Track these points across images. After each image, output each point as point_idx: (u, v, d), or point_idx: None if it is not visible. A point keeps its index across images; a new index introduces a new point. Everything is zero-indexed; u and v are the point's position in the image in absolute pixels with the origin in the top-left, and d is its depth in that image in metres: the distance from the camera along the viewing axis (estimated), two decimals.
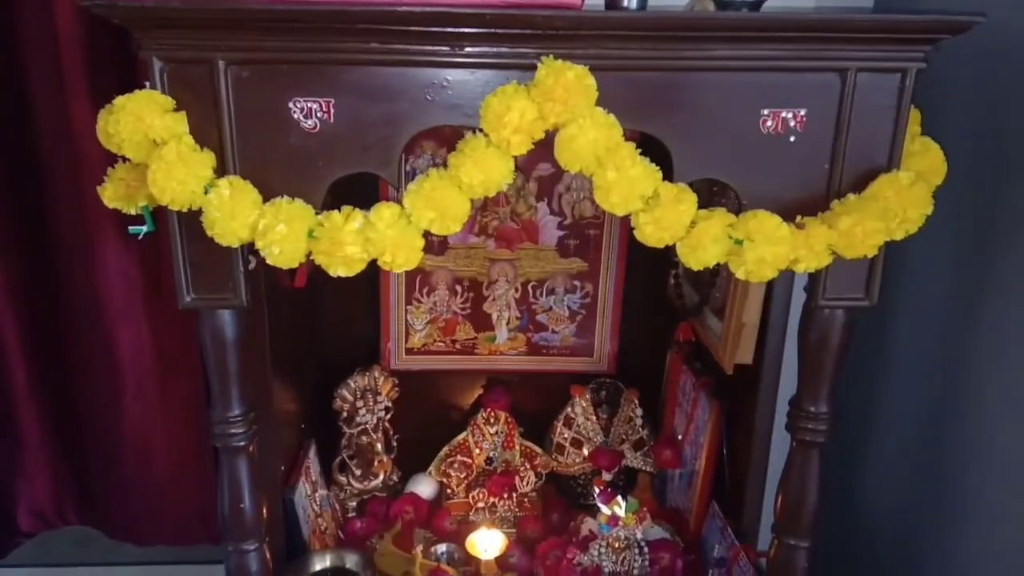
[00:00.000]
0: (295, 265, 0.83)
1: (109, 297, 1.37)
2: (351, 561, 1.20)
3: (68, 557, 2.00)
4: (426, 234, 0.84)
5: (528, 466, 1.54)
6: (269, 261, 0.82)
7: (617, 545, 1.31)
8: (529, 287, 1.53)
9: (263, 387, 1.12)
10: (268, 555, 1.02)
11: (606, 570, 1.29)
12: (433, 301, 1.53)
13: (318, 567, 1.19)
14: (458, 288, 1.53)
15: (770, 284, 1.14)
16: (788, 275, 1.11)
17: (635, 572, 1.30)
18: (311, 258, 0.84)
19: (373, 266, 1.50)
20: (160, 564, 1.98)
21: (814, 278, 0.90)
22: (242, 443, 0.94)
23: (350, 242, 0.82)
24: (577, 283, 1.54)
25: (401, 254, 0.83)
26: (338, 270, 0.83)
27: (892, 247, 0.86)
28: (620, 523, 1.30)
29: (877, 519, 1.33)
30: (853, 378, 1.01)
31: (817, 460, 0.98)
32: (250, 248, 0.85)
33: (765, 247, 0.82)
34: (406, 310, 1.53)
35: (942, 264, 1.18)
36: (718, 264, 1.21)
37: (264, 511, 1.00)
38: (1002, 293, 1.06)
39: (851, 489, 1.37)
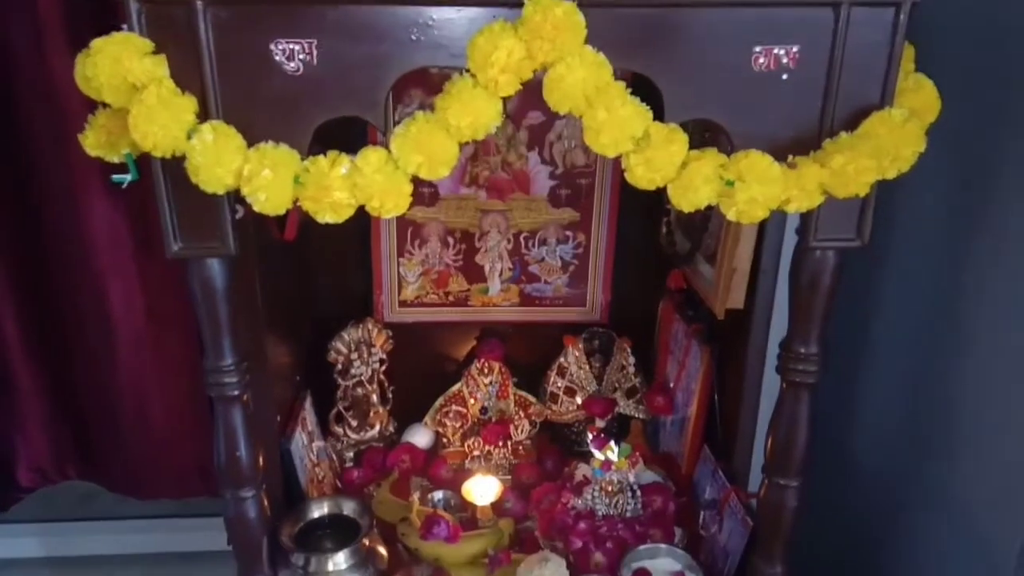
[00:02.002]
0: (282, 211, 0.82)
1: (98, 253, 1.37)
2: (349, 508, 1.21)
3: (73, 513, 2.03)
4: (416, 185, 0.83)
5: (522, 415, 1.56)
6: (256, 208, 0.81)
7: (610, 489, 1.33)
8: (521, 238, 1.53)
9: (256, 338, 1.12)
10: (266, 502, 1.04)
11: (599, 513, 1.31)
12: (425, 253, 1.53)
13: (316, 514, 1.21)
14: (450, 240, 1.52)
15: (761, 229, 1.14)
16: (779, 219, 1.13)
17: (628, 515, 1.32)
18: (299, 206, 0.83)
19: (364, 218, 1.49)
20: (162, 518, 2.01)
21: (805, 219, 0.90)
22: (236, 392, 0.95)
23: (337, 188, 0.81)
24: (569, 233, 1.53)
25: (389, 199, 0.82)
26: (326, 216, 0.83)
27: (883, 188, 0.86)
28: (613, 467, 1.32)
29: (866, 459, 1.35)
30: (843, 319, 1.01)
31: (807, 401, 0.99)
32: (237, 197, 0.84)
33: (756, 187, 0.81)
34: (398, 262, 1.53)
35: (934, 204, 1.18)
36: (709, 210, 1.20)
37: (260, 459, 1.01)
38: (993, 233, 1.06)
39: (840, 429, 1.39)
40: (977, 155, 1.08)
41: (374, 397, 1.54)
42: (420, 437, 1.56)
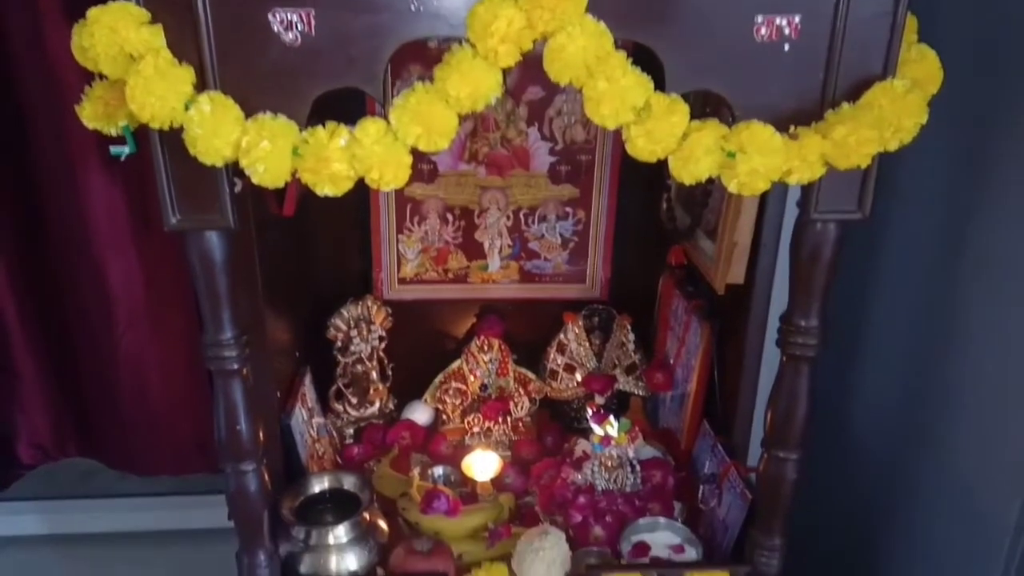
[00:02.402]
0: (280, 184, 0.82)
1: (97, 228, 1.36)
2: (349, 482, 1.22)
3: (74, 490, 2.04)
4: (416, 161, 0.83)
5: (522, 392, 1.56)
6: (254, 180, 0.81)
7: (610, 464, 1.33)
8: (521, 215, 1.53)
9: (255, 314, 1.12)
10: (266, 476, 1.04)
11: (599, 488, 1.32)
12: (424, 230, 1.52)
13: (316, 489, 1.21)
14: (449, 217, 1.52)
15: (762, 203, 1.13)
16: (780, 193, 1.12)
17: (627, 490, 1.32)
18: (298, 181, 0.82)
19: (363, 195, 1.49)
20: (162, 495, 2.02)
21: (807, 191, 0.89)
22: (235, 366, 0.95)
23: (336, 159, 0.80)
24: (569, 210, 1.53)
25: (388, 171, 0.81)
26: (324, 189, 0.82)
27: (885, 160, 0.85)
28: (613, 443, 1.32)
29: (864, 435, 1.36)
30: (843, 294, 1.01)
31: (807, 374, 0.99)
32: (235, 170, 0.84)
33: (758, 158, 0.81)
34: (397, 239, 1.52)
35: (935, 178, 1.17)
36: (710, 184, 1.21)
37: (260, 434, 1.01)
38: (996, 205, 1.06)
39: (839, 405, 1.40)
40: (979, 127, 1.08)
41: (374, 374, 1.54)
42: (420, 414, 1.57)
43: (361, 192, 1.47)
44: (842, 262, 0.93)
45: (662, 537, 1.24)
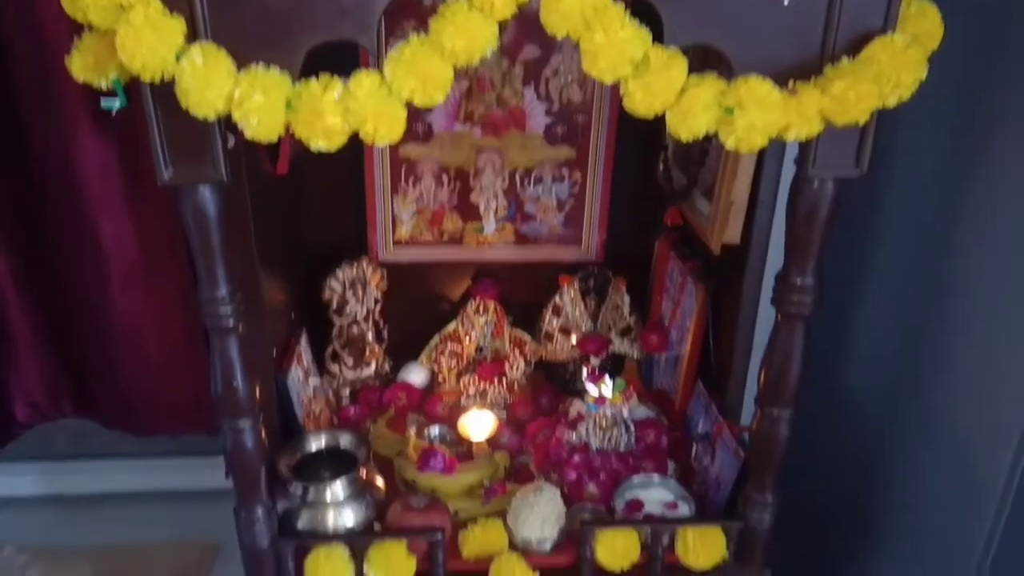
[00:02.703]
0: (274, 138, 0.81)
1: (89, 188, 1.35)
2: (346, 440, 1.23)
3: (69, 451, 2.05)
4: (410, 121, 0.82)
5: (518, 353, 1.57)
6: (247, 133, 0.80)
7: (604, 424, 1.35)
8: (517, 176, 1.52)
9: (250, 272, 1.12)
10: (263, 433, 1.05)
11: (593, 447, 1.34)
12: (419, 191, 1.51)
13: (313, 447, 1.22)
14: (444, 178, 1.51)
15: (759, 162, 1.13)
16: (777, 152, 1.12)
17: (622, 449, 1.34)
18: (291, 139, 0.81)
19: (357, 154, 1.48)
20: (158, 456, 2.04)
21: (804, 148, 0.89)
22: (230, 323, 0.95)
23: (330, 112, 0.79)
24: (565, 171, 1.52)
25: (383, 124, 0.80)
26: (318, 143, 0.81)
27: (883, 119, 0.85)
28: (607, 403, 1.34)
29: (858, 391, 1.37)
30: (838, 251, 1.01)
31: (801, 333, 0.99)
32: (228, 124, 0.83)
33: (756, 113, 0.80)
34: (392, 200, 1.52)
35: (933, 137, 1.17)
36: (707, 143, 1.20)
37: (257, 391, 1.02)
38: (993, 165, 1.05)
39: (832, 363, 1.40)
40: (979, 84, 1.07)
41: (369, 336, 1.54)
42: (416, 375, 1.57)
43: (355, 152, 1.48)
44: (839, 221, 0.94)
45: (656, 494, 1.26)
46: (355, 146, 1.46)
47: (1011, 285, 1.03)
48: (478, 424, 1.40)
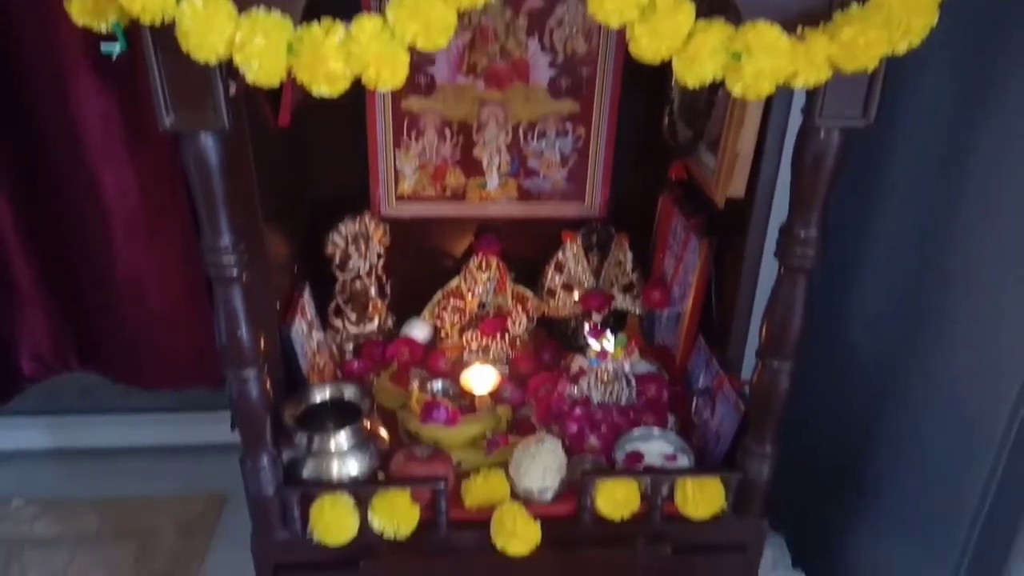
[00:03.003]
0: (275, 82, 0.80)
1: (90, 139, 1.34)
2: (350, 392, 1.24)
3: (74, 407, 2.08)
4: (413, 72, 0.81)
5: (520, 309, 1.57)
6: (249, 77, 0.79)
7: (606, 378, 1.36)
8: (520, 130, 1.50)
9: (252, 222, 1.11)
10: (268, 383, 1.05)
11: (595, 401, 1.35)
12: (422, 146, 1.50)
13: (318, 398, 1.23)
14: (447, 132, 1.49)
15: (765, 115, 1.12)
16: (784, 104, 1.10)
17: (623, 403, 1.35)
18: (292, 85, 0.81)
19: (360, 106, 1.46)
20: (165, 411, 2.06)
21: (812, 97, 0.88)
22: (234, 273, 0.95)
23: (332, 57, 0.78)
24: (569, 126, 1.50)
25: (386, 69, 0.79)
26: (321, 88, 0.80)
27: (891, 67, 0.84)
28: (609, 357, 1.34)
29: (858, 344, 1.37)
30: (841, 205, 1.01)
31: (804, 285, 1.00)
32: (229, 70, 0.82)
33: (764, 59, 0.79)
34: (394, 155, 1.51)
35: (940, 87, 1.16)
36: (713, 95, 1.19)
37: (262, 341, 1.02)
38: (998, 120, 1.04)
39: (834, 317, 1.41)
40: (990, 31, 1.05)
41: (372, 291, 1.55)
42: (418, 331, 1.58)
43: (357, 106, 1.46)
44: (844, 172, 0.93)
45: (656, 446, 1.27)
46: (357, 99, 1.45)
47: (1014, 245, 1.03)
48: (480, 378, 1.41)
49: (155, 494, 1.91)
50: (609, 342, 1.34)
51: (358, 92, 0.97)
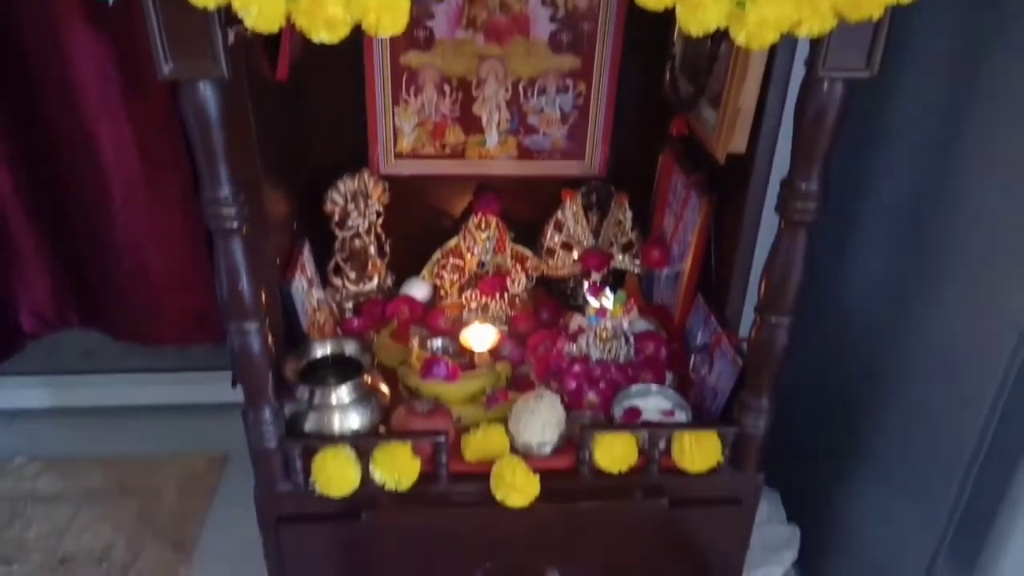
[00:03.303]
0: (275, 28, 0.79)
1: (87, 94, 1.33)
2: (351, 348, 1.25)
3: (75, 367, 2.08)
4: (411, 27, 0.80)
5: (519, 268, 1.57)
6: (247, 23, 0.78)
7: (604, 336, 1.37)
8: (520, 87, 1.49)
9: (252, 177, 1.10)
10: (270, 337, 1.06)
11: (593, 358, 1.36)
12: (421, 102, 1.49)
13: (319, 353, 1.24)
14: (446, 88, 1.48)
15: (767, 68, 1.11)
16: (786, 58, 1.09)
17: (621, 360, 1.36)
18: (290, 37, 0.80)
19: (358, 62, 1.45)
20: (166, 371, 2.07)
21: (815, 47, 0.87)
22: (234, 224, 0.94)
23: (331, 1, 0.77)
24: (569, 82, 1.49)
25: (386, 15, 0.78)
26: (320, 34, 0.79)
27: (895, 18, 0.83)
28: (608, 315, 1.35)
29: (855, 301, 1.38)
30: (840, 162, 1.00)
31: (804, 239, 1.00)
32: (228, 18, 0.81)
33: (768, 7, 0.79)
34: (393, 112, 1.49)
35: (942, 40, 1.14)
36: (716, 50, 1.18)
37: (263, 294, 1.03)
38: (1002, 75, 1.03)
39: (831, 278, 1.41)
40: None
41: (372, 249, 1.55)
42: (418, 290, 1.58)
43: (356, 61, 1.45)
44: (846, 126, 0.93)
45: (653, 402, 1.28)
46: (355, 55, 1.43)
47: (1010, 204, 1.02)
48: (480, 336, 1.42)
49: (156, 453, 1.92)
50: (608, 300, 1.34)
51: (357, 47, 0.96)
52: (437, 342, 1.43)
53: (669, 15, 0.81)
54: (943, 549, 1.18)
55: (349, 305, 1.55)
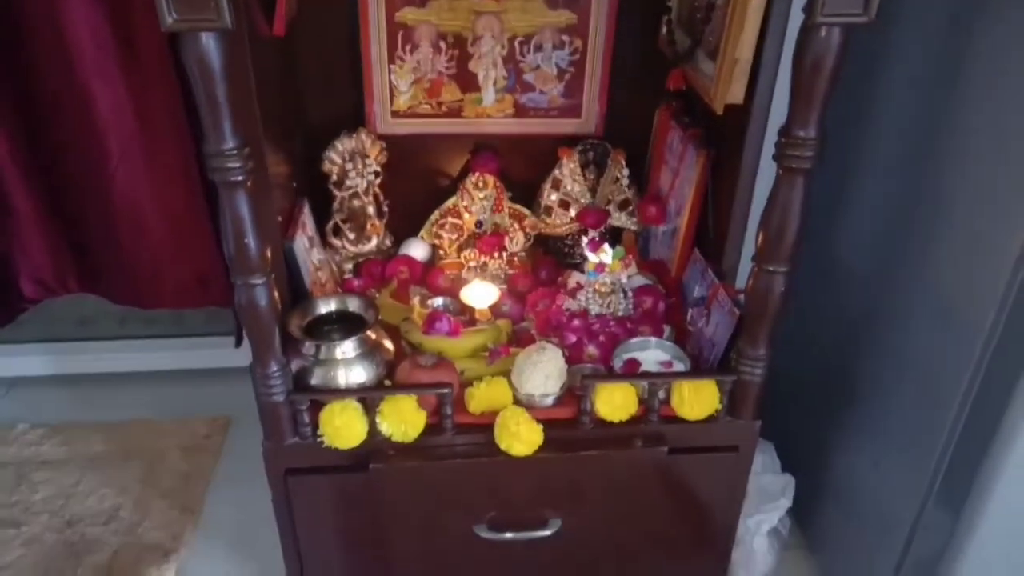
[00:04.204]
0: None
1: (81, 55, 1.32)
2: (354, 304, 1.26)
3: (75, 335, 2.09)
4: None
5: (517, 227, 1.58)
6: None
7: (603, 291, 1.38)
8: (516, 43, 1.49)
9: (253, 133, 1.10)
10: (275, 291, 1.07)
11: (592, 313, 1.38)
12: (417, 60, 1.48)
13: (323, 310, 1.25)
14: (442, 45, 1.47)
15: (765, 19, 1.11)
16: (784, 8, 1.10)
17: (620, 314, 1.38)
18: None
19: (354, 20, 1.44)
20: (166, 338, 2.08)
21: None
22: (240, 177, 0.95)
23: None
24: (566, 38, 1.49)
25: None
26: None
27: None
28: (606, 270, 1.37)
29: (851, 252, 1.40)
30: (836, 112, 1.01)
31: (802, 187, 1.01)
32: None
33: None
34: (389, 69, 1.49)
35: None
36: (713, 0, 1.18)
37: (268, 249, 1.04)
38: (1002, 24, 1.04)
39: (826, 229, 1.43)
40: None
41: (370, 209, 1.55)
42: (417, 250, 1.59)
43: (351, 19, 1.44)
44: (844, 73, 0.94)
45: (652, 355, 1.30)
46: (351, 11, 1.42)
47: (1003, 154, 1.04)
48: (480, 294, 1.43)
49: (159, 418, 1.94)
50: (607, 255, 1.36)
51: (352, 4, 0.95)
52: (437, 301, 1.44)
53: None
54: (932, 494, 1.21)
55: (349, 266, 1.56)
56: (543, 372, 1.21)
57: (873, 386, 1.35)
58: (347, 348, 1.18)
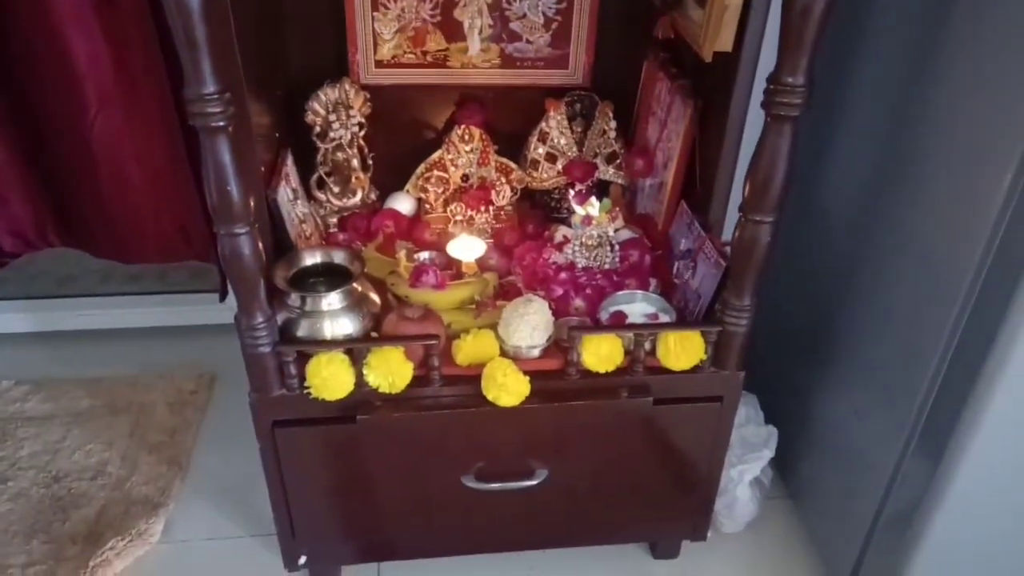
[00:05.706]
0: None
1: (56, 5, 1.27)
2: (340, 257, 1.25)
3: (55, 293, 2.08)
4: None
5: (504, 181, 1.57)
6: None
7: (590, 243, 1.38)
8: None
9: (234, 79, 1.08)
10: (259, 241, 1.06)
11: (579, 265, 1.38)
12: (401, 7, 1.45)
13: (309, 262, 1.24)
14: None
15: None
16: None
17: (606, 267, 1.38)
18: None
19: None
20: (142, 295, 2.07)
21: None
22: (221, 123, 0.93)
23: None
24: None
25: None
26: None
27: None
28: (593, 222, 1.36)
29: (834, 203, 1.40)
30: (823, 63, 1.01)
31: (790, 135, 1.01)
32: None
33: None
34: (372, 17, 1.46)
35: None
36: None
37: (251, 198, 1.02)
38: None
39: (807, 180, 1.43)
40: None
41: (354, 162, 1.53)
42: (402, 204, 1.58)
43: None
44: (833, 18, 0.93)
45: (638, 308, 1.31)
46: None
47: (991, 104, 1.04)
48: (466, 248, 1.42)
49: (143, 373, 1.94)
50: (594, 207, 1.35)
51: None
52: (424, 254, 1.44)
53: None
54: (912, 443, 1.23)
55: (333, 220, 1.55)
56: (530, 324, 1.21)
57: (855, 336, 1.36)
58: (333, 300, 1.18)
